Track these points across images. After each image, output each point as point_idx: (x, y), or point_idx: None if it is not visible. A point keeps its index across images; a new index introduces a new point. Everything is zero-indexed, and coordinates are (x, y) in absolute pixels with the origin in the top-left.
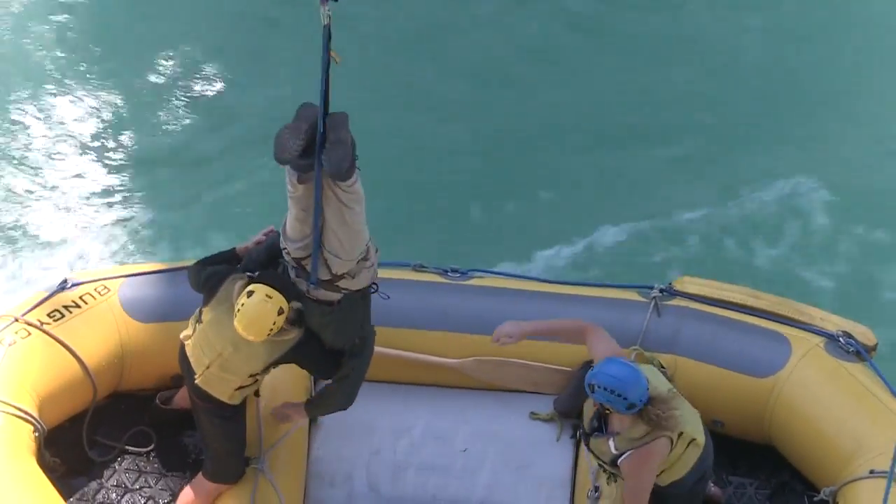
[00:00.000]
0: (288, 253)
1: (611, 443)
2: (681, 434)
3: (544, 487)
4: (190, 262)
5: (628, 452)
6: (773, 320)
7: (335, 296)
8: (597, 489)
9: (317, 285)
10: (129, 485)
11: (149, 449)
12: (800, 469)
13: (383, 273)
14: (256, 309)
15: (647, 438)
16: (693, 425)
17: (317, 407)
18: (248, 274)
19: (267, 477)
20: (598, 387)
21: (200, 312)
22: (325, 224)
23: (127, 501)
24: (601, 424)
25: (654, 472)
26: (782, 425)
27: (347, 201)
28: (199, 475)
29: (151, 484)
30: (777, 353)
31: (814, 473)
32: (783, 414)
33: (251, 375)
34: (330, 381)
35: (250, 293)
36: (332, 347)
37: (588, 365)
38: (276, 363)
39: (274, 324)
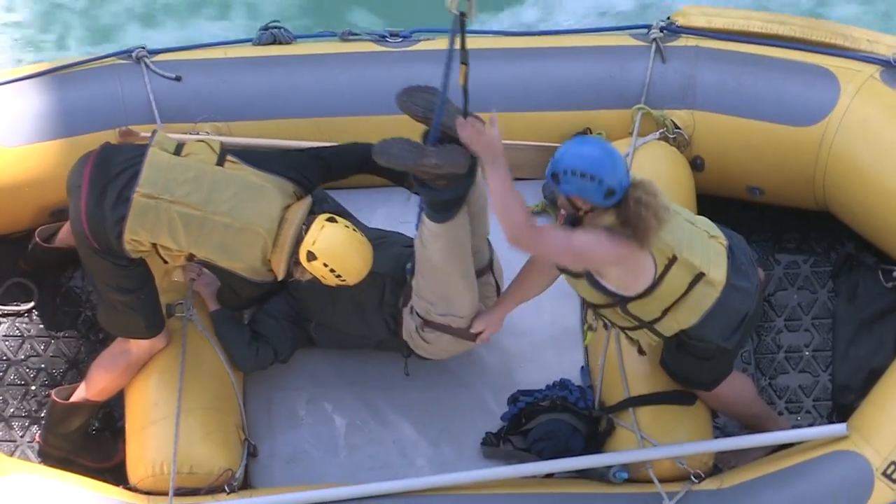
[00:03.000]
0: None
1: None
2: (674, 258)
3: (546, 297)
4: (65, 61)
5: (592, 227)
6: (810, 50)
7: None
8: None
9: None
10: (11, 356)
11: (30, 307)
12: (868, 237)
13: (301, 49)
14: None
15: (617, 231)
16: (704, 258)
17: (218, 324)
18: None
19: (199, 327)
20: (566, 172)
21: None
22: None
23: (13, 377)
24: None
25: (604, 257)
26: (840, 183)
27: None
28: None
29: (40, 351)
30: (822, 92)
31: (888, 241)
32: (840, 169)
33: (191, 256)
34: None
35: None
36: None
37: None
38: (225, 272)
39: (332, 270)
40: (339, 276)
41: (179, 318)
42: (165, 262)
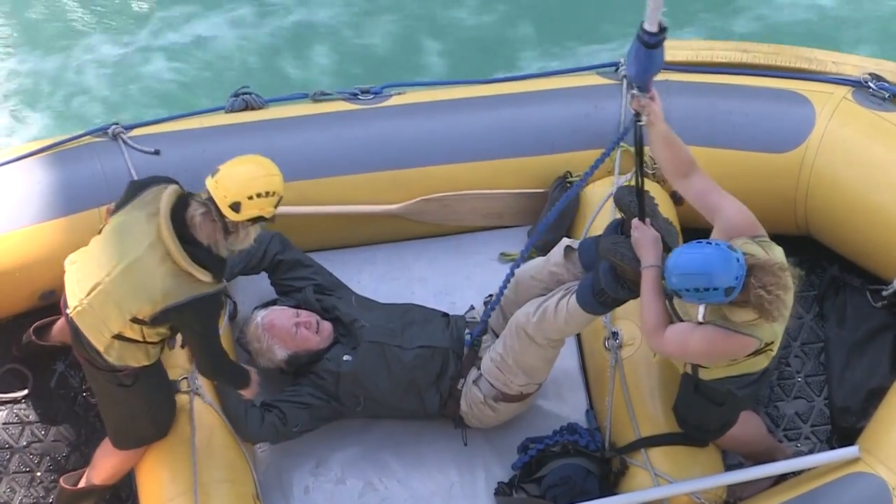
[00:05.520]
0: None
1: (701, 309)
2: (769, 345)
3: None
4: (41, 143)
5: (713, 327)
6: (779, 76)
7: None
8: (615, 335)
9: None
10: (13, 443)
11: (26, 392)
12: (853, 259)
13: (274, 113)
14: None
15: (744, 329)
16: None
17: (224, 395)
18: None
19: (206, 401)
20: (684, 290)
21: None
22: None
23: (18, 464)
24: None
25: (717, 359)
26: (823, 206)
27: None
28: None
29: (41, 436)
30: (797, 117)
31: (874, 260)
32: (822, 191)
33: (134, 319)
34: None
35: None
36: None
37: (562, 181)
38: (165, 314)
39: (258, 195)
40: (271, 194)
41: (185, 392)
42: (146, 341)
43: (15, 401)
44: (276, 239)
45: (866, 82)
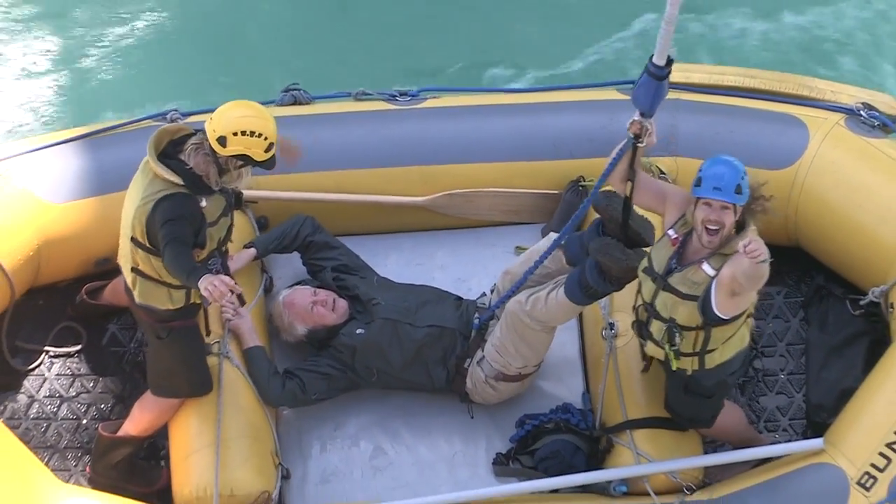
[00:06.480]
0: None
1: (705, 267)
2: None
3: None
4: (105, 125)
5: (728, 264)
6: (780, 101)
7: None
8: (612, 325)
9: None
10: (63, 393)
11: (79, 348)
12: (837, 270)
13: (320, 108)
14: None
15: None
16: None
17: (250, 360)
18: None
19: (234, 363)
20: (741, 180)
21: None
22: None
23: (66, 412)
24: (678, 261)
25: (759, 276)
26: (810, 221)
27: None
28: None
29: (89, 388)
30: (793, 138)
31: (855, 273)
32: (811, 207)
33: (134, 241)
34: None
35: None
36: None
37: (576, 184)
38: (151, 228)
39: (243, 132)
40: (258, 135)
41: (216, 355)
42: (162, 280)
43: (68, 355)
44: (308, 222)
45: (859, 111)
